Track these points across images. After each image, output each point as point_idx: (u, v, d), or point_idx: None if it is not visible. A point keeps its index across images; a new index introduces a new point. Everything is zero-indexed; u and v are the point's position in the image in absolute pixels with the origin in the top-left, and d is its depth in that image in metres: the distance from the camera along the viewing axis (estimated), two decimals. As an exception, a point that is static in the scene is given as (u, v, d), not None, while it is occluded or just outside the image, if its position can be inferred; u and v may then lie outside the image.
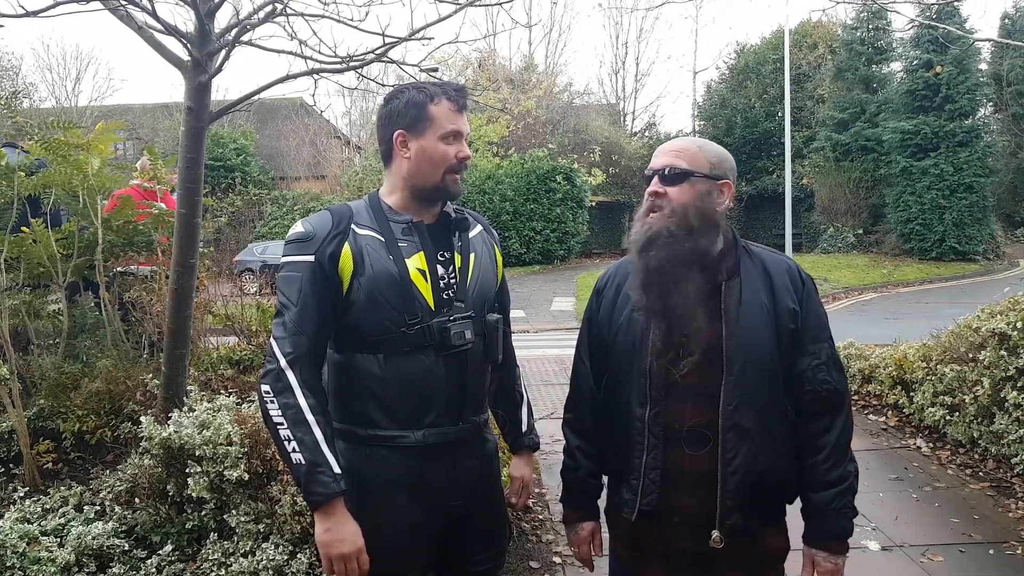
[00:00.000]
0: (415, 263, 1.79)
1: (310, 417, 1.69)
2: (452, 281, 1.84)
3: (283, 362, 1.70)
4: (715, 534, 1.72)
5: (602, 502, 2.00)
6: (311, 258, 1.74)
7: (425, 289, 1.79)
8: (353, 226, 1.78)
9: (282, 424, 1.68)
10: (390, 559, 1.75)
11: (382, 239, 1.79)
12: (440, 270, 1.82)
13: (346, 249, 1.75)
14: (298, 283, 1.73)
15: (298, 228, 1.79)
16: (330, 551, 1.67)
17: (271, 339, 1.75)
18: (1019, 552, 3.59)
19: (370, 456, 1.78)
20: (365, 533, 1.71)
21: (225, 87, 35.86)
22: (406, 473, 1.78)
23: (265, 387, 1.72)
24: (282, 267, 1.77)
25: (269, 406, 1.70)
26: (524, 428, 2.12)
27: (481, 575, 1.95)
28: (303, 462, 1.66)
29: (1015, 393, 4.33)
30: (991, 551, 3.62)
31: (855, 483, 1.78)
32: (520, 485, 2.12)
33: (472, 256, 1.89)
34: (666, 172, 1.77)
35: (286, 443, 1.68)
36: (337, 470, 1.68)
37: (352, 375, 1.79)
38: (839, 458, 1.75)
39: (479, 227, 1.98)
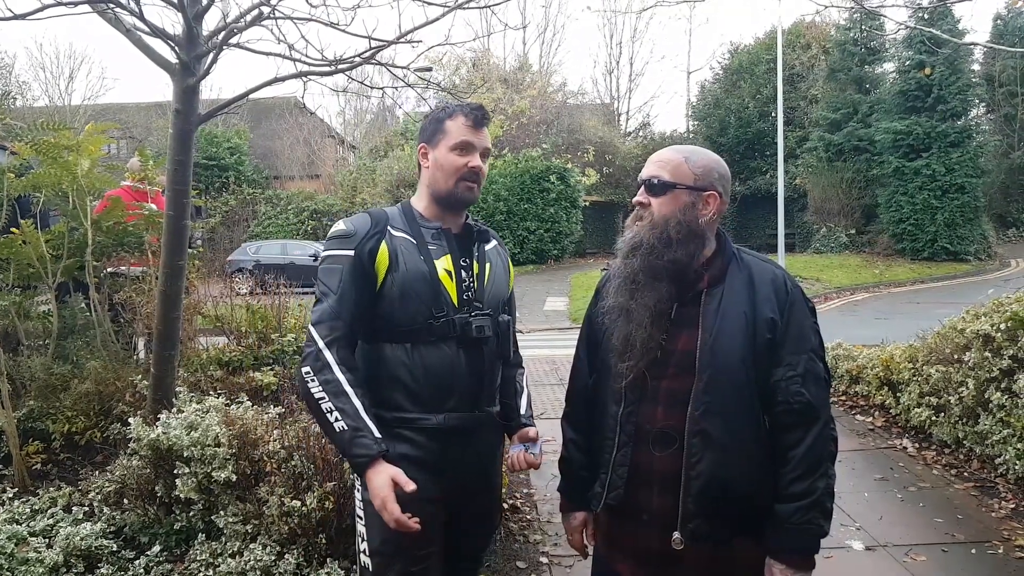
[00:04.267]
0: (443, 264, 1.99)
1: (349, 389, 1.85)
2: (471, 284, 2.04)
3: (321, 343, 1.87)
4: (676, 535, 1.74)
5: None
6: (351, 252, 1.93)
7: (451, 288, 1.98)
8: (389, 228, 1.99)
9: (323, 398, 1.84)
10: (415, 532, 1.85)
11: (414, 241, 1.99)
12: (463, 273, 2.03)
13: (383, 247, 1.95)
14: (339, 274, 1.92)
15: (340, 226, 1.99)
16: (373, 503, 1.82)
17: (309, 325, 1.91)
18: (1001, 551, 3.63)
19: (396, 437, 1.93)
20: None
21: (219, 87, 35.81)
22: (428, 452, 1.95)
23: (305, 368, 1.88)
24: (323, 260, 1.96)
25: (310, 384, 1.86)
26: (523, 411, 2.24)
27: (472, 550, 2.18)
28: (346, 428, 1.82)
29: (999, 394, 4.38)
30: (973, 550, 3.66)
31: (825, 501, 1.73)
32: (536, 433, 2.18)
33: (488, 265, 2.11)
34: (650, 183, 1.82)
35: (328, 415, 1.83)
36: (377, 434, 1.83)
37: (381, 363, 1.96)
38: (806, 472, 1.72)
39: (494, 241, 2.19)
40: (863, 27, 23.34)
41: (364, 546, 1.96)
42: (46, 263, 4.16)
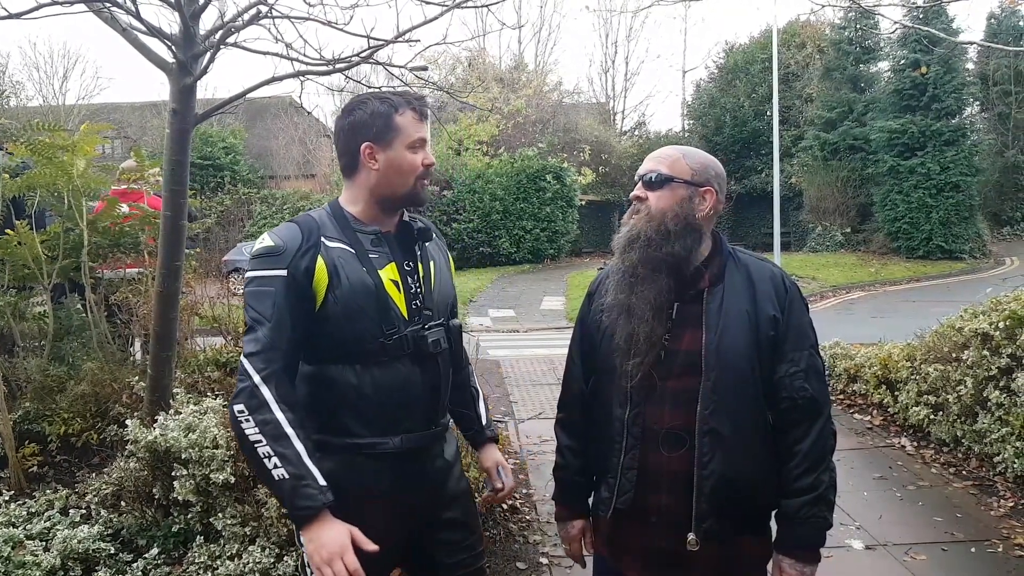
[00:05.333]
0: (388, 274, 1.81)
1: (289, 431, 1.66)
2: (418, 290, 1.87)
3: (257, 378, 1.67)
4: (691, 536, 1.74)
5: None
6: (283, 272, 1.72)
7: (399, 299, 1.81)
8: (323, 238, 1.78)
9: (260, 441, 1.65)
10: (368, 563, 1.75)
11: (352, 251, 1.79)
12: (408, 280, 1.86)
13: (320, 263, 1.74)
14: (271, 297, 1.70)
15: (266, 242, 1.76)
16: (314, 559, 1.66)
17: (242, 357, 1.71)
18: (1000, 550, 3.63)
19: (347, 464, 1.79)
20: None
21: (214, 86, 35.71)
22: (383, 478, 1.81)
23: (239, 407, 1.67)
24: (250, 281, 1.74)
25: (244, 425, 1.66)
26: (484, 421, 2.16)
27: (460, 561, 1.97)
28: (287, 476, 1.63)
29: (997, 392, 4.38)
30: (973, 549, 3.66)
31: (829, 494, 1.77)
32: (498, 469, 2.12)
33: (432, 264, 1.94)
34: (648, 178, 1.82)
35: (266, 460, 1.64)
36: (322, 482, 1.66)
37: (326, 386, 1.79)
38: (811, 466, 1.75)
39: (432, 234, 2.01)
40: (858, 26, 23.40)
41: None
42: (41, 264, 4.14)
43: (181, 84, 3.17)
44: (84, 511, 3.21)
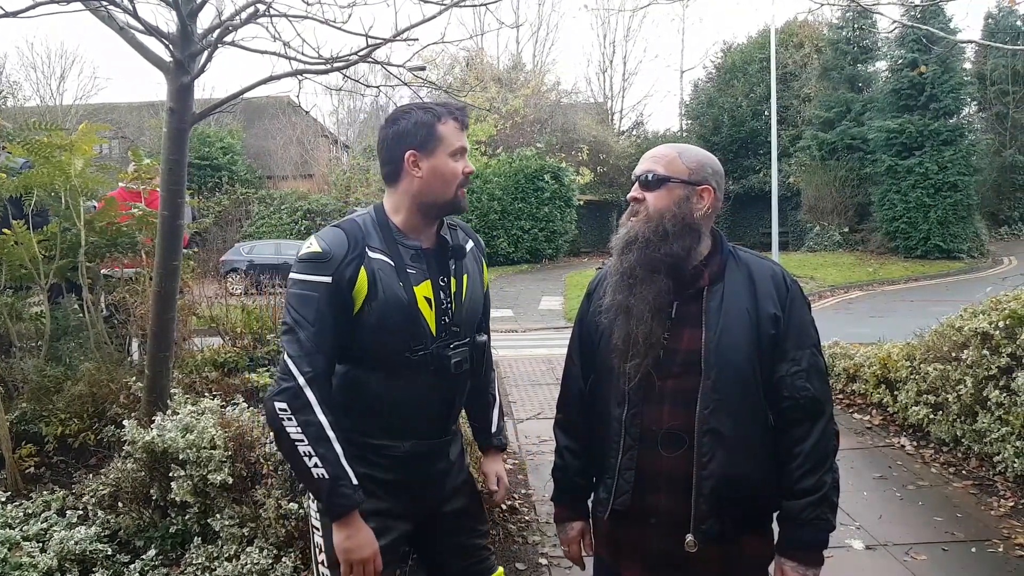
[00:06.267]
0: (422, 291, 1.86)
1: (330, 433, 1.76)
2: (449, 306, 1.91)
3: (302, 380, 1.75)
4: (689, 538, 1.72)
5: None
6: (328, 279, 1.77)
7: (429, 316, 1.87)
8: (367, 248, 1.83)
9: (302, 440, 1.74)
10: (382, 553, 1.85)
11: (392, 264, 1.84)
12: (440, 295, 1.90)
13: (362, 274, 1.80)
14: (315, 303, 1.77)
15: (314, 247, 1.80)
16: (350, 556, 1.78)
17: (285, 356, 1.78)
18: (1001, 550, 3.63)
19: (360, 459, 1.86)
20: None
21: (211, 86, 35.67)
22: (393, 474, 1.91)
23: (281, 404, 1.75)
24: (295, 284, 1.79)
25: (286, 423, 1.75)
26: (493, 429, 2.22)
27: (468, 548, 2.07)
28: (326, 476, 1.74)
29: (997, 392, 4.37)
30: (973, 549, 3.65)
31: (832, 494, 1.74)
32: (495, 478, 2.20)
33: (465, 277, 1.97)
34: (645, 178, 1.81)
35: (306, 459, 1.74)
36: (355, 482, 1.78)
37: (352, 387, 1.88)
38: (814, 467, 1.73)
39: (470, 242, 2.04)
40: (856, 26, 23.45)
41: (322, 557, 1.91)
42: (38, 264, 4.12)
43: (178, 83, 3.16)
44: (81, 512, 3.19)
